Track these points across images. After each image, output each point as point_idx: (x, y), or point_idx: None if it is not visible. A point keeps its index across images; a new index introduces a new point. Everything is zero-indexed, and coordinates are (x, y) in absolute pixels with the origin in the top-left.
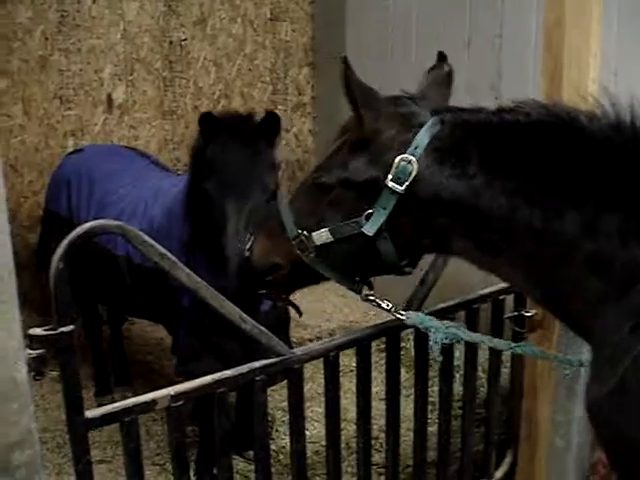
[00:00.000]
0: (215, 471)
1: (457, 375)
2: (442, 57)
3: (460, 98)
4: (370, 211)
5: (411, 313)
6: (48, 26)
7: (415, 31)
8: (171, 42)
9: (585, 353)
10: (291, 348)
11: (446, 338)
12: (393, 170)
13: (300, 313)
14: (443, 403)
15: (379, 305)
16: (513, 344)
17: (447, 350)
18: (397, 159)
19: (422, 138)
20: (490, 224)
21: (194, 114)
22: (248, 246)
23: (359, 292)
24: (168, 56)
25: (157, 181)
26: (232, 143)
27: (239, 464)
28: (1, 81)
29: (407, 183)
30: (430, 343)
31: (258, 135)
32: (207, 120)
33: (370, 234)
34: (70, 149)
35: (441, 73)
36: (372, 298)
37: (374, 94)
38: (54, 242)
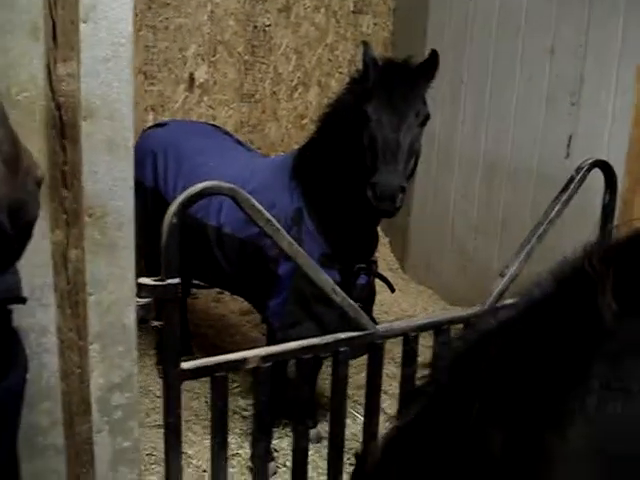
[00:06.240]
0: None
1: None
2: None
3: (539, 104)
4: None
5: None
6: (138, 2)
7: (495, 32)
8: (255, 27)
9: None
10: (375, 323)
11: None
12: None
13: (392, 289)
14: None
15: None
16: None
17: None
18: None
19: None
20: None
21: (271, 99)
22: None
23: None
24: (251, 40)
25: (247, 159)
26: (391, 71)
27: None
28: None
29: None
30: None
31: (416, 71)
32: (368, 51)
33: None
34: (149, 123)
35: None
36: None
37: None
38: (136, 209)
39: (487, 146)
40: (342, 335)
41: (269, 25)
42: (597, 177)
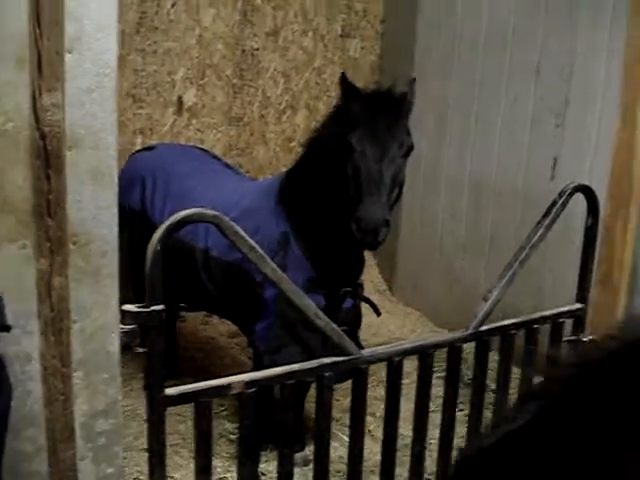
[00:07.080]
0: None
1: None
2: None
3: (524, 125)
4: None
5: None
6: (126, 26)
7: (482, 54)
8: (243, 51)
9: None
10: (361, 347)
11: None
12: None
13: (378, 313)
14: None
15: None
16: None
17: (504, 367)
18: None
19: None
20: None
21: (260, 122)
22: None
23: None
24: (239, 64)
25: (235, 183)
26: (375, 102)
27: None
28: None
29: None
30: None
31: (400, 100)
32: (346, 82)
33: None
34: (138, 146)
35: None
36: None
37: None
38: (124, 233)
39: (473, 167)
40: (326, 360)
41: (257, 49)
42: (580, 201)
